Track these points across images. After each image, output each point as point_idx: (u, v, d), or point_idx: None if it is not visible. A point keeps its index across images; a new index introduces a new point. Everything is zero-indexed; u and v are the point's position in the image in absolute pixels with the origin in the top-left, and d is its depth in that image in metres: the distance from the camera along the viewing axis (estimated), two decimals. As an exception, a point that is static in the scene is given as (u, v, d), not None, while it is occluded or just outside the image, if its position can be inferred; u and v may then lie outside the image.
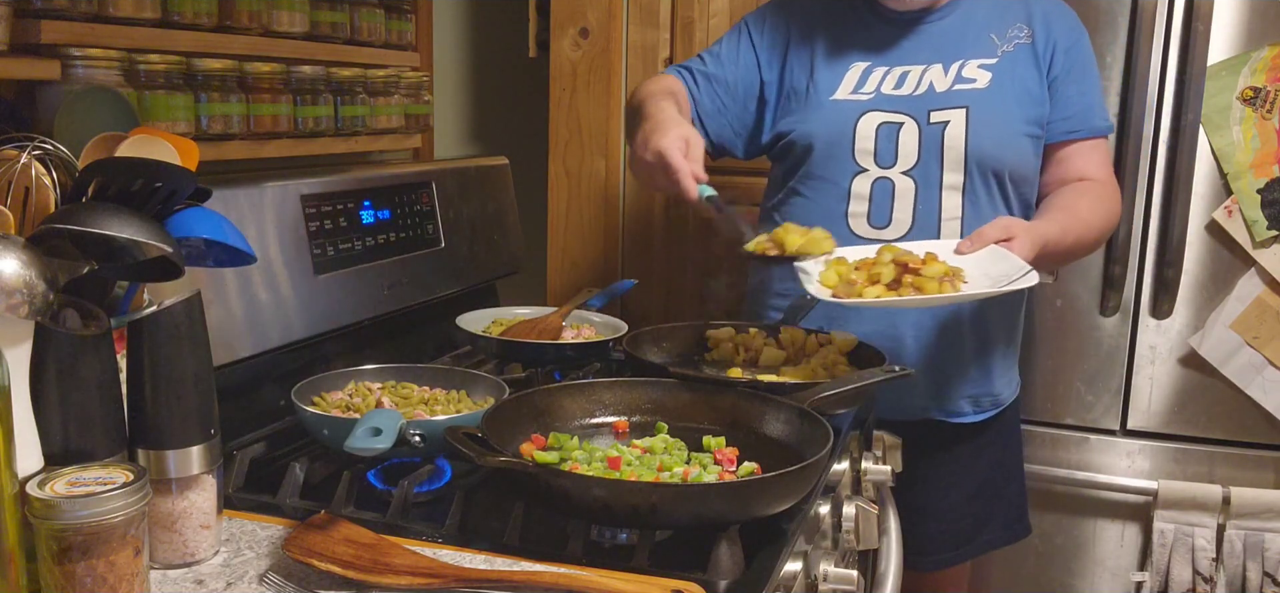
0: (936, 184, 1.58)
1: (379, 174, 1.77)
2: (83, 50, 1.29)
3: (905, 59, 1.62)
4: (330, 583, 0.94)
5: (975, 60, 1.60)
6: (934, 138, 1.57)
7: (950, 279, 1.36)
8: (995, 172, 1.58)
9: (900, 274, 1.37)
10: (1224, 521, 1.96)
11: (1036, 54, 1.60)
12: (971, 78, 1.59)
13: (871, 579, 1.42)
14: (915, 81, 1.60)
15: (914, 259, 1.37)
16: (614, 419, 1.31)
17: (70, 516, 0.82)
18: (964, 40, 1.61)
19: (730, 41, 1.73)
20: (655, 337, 1.63)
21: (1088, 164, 1.64)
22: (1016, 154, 1.60)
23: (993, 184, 1.59)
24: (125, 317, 0.98)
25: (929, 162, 1.58)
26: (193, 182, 0.98)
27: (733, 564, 1.00)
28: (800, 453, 1.16)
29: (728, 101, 1.70)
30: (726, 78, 1.70)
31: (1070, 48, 1.62)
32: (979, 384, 1.69)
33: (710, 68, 1.71)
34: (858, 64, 1.63)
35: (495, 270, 2.06)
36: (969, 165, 1.57)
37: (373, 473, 1.22)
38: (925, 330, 1.64)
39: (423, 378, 1.41)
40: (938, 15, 1.63)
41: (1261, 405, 1.94)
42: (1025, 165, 1.61)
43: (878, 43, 1.63)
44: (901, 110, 1.58)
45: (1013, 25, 1.62)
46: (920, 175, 1.58)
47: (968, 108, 1.57)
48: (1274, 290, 1.91)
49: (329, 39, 1.73)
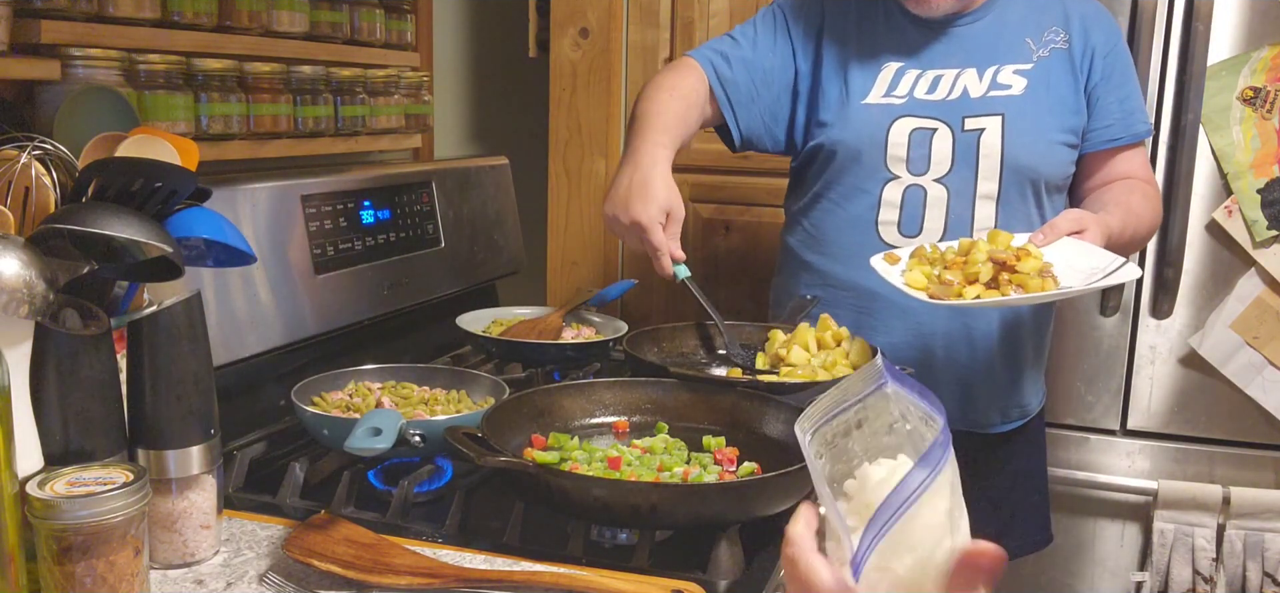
0: (970, 192, 1.54)
1: (379, 174, 1.77)
2: (83, 50, 1.29)
3: (938, 62, 1.57)
4: (330, 583, 0.94)
5: (1011, 66, 1.56)
6: (969, 145, 1.54)
7: (1046, 275, 1.31)
8: (1031, 180, 1.55)
9: (997, 273, 1.32)
10: (1224, 521, 1.96)
11: (1073, 61, 1.57)
12: (1007, 84, 1.55)
13: (871, 579, 1.42)
14: (949, 86, 1.56)
15: (1010, 255, 1.32)
16: (614, 419, 1.31)
17: (70, 516, 0.82)
18: (998, 44, 1.57)
19: (766, 25, 1.65)
20: (655, 337, 1.63)
21: (1133, 169, 1.61)
22: (1052, 162, 1.57)
23: (1028, 192, 1.56)
24: (125, 317, 0.98)
25: (963, 169, 1.54)
26: (193, 182, 0.98)
27: (733, 564, 1.00)
28: (800, 453, 1.16)
29: (762, 90, 1.62)
30: (763, 63, 1.62)
31: (1109, 53, 1.58)
32: (1008, 395, 1.65)
33: (746, 51, 1.62)
34: (890, 65, 1.58)
35: (495, 270, 2.06)
36: (1004, 173, 1.54)
37: (373, 473, 1.22)
38: (955, 340, 1.60)
39: (423, 378, 1.41)
40: (970, 18, 1.58)
41: (1261, 405, 1.94)
42: (1060, 174, 1.59)
43: (910, 44, 1.59)
44: (935, 116, 1.54)
45: (1049, 28, 1.58)
46: (954, 183, 1.54)
47: (1003, 115, 1.53)
48: (1274, 290, 1.91)
49: (329, 39, 1.73)
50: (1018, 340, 1.64)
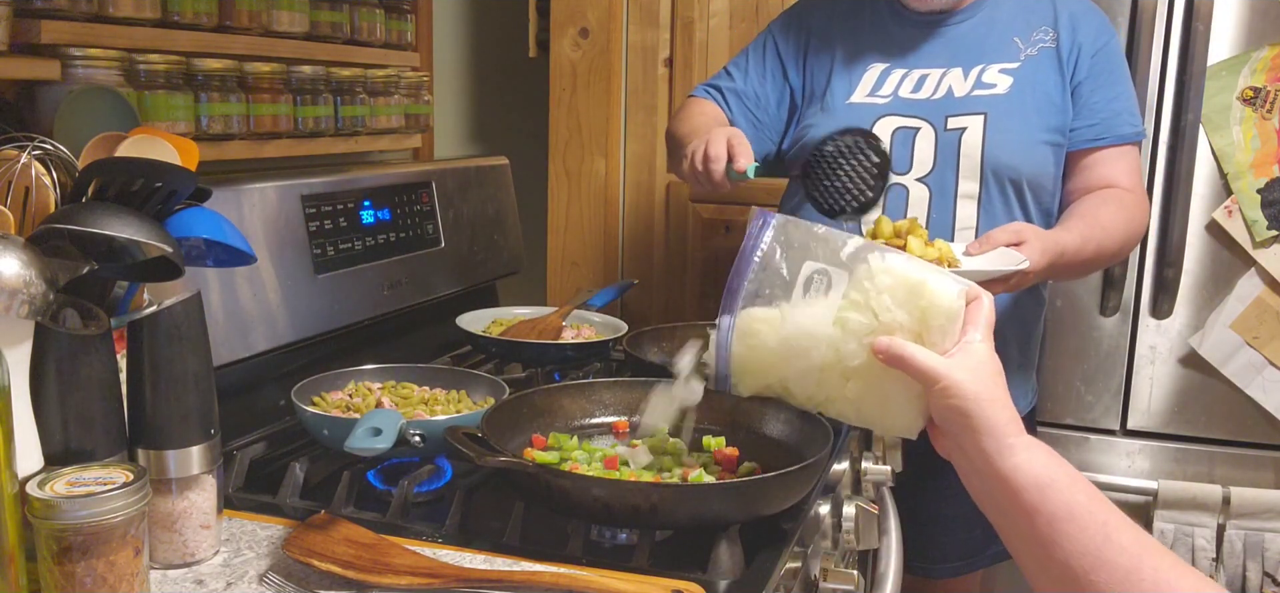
0: (951, 192, 1.55)
1: (379, 174, 1.77)
2: (83, 50, 1.29)
3: (924, 62, 1.58)
4: (330, 583, 0.94)
5: (996, 65, 1.56)
6: (950, 145, 1.54)
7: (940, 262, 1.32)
8: (1012, 180, 1.55)
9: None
10: (1224, 520, 1.96)
11: (1060, 59, 1.56)
12: (991, 83, 1.55)
13: (871, 580, 1.42)
14: (934, 85, 1.57)
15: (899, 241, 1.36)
16: (614, 419, 1.31)
17: (70, 516, 0.82)
18: (985, 44, 1.57)
19: (756, 52, 1.69)
20: (655, 337, 1.63)
21: (1114, 172, 1.58)
22: (1035, 163, 1.56)
23: (1010, 193, 1.56)
24: (125, 317, 0.98)
25: (944, 169, 1.55)
26: (193, 182, 0.98)
27: (733, 564, 1.00)
28: (800, 453, 1.16)
29: (762, 116, 1.66)
30: (756, 91, 1.66)
31: (1098, 51, 1.57)
32: None
33: (738, 84, 1.67)
34: (876, 66, 1.60)
35: (495, 270, 2.06)
36: (985, 174, 1.54)
37: (373, 473, 1.22)
38: None
39: (423, 378, 1.41)
40: (959, 17, 1.59)
41: (1261, 405, 1.94)
42: (1044, 174, 1.57)
43: (897, 45, 1.60)
44: (918, 115, 1.55)
45: (1038, 28, 1.58)
46: (935, 182, 1.55)
47: (986, 114, 1.54)
48: (1274, 290, 1.91)
49: (329, 39, 1.73)
50: (1002, 341, 1.64)
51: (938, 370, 0.88)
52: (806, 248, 0.98)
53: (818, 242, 0.98)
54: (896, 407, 0.95)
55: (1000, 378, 0.90)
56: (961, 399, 0.87)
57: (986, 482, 0.88)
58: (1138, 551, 0.79)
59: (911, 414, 0.95)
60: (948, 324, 0.92)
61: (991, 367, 0.90)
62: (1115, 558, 0.79)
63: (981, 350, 0.90)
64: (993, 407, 0.87)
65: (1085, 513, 0.81)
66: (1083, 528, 0.81)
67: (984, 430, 0.86)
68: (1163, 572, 0.77)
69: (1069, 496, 0.83)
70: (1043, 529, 0.83)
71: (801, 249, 0.98)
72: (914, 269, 0.94)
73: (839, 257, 0.97)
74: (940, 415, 0.91)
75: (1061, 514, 0.82)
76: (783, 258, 0.98)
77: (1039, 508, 0.83)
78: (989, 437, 0.86)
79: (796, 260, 0.98)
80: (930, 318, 0.92)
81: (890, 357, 0.92)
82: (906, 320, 0.93)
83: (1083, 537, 0.80)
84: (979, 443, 0.87)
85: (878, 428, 0.97)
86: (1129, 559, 0.79)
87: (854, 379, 0.96)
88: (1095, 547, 0.80)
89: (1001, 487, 0.86)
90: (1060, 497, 0.83)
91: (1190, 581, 0.77)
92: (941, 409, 0.90)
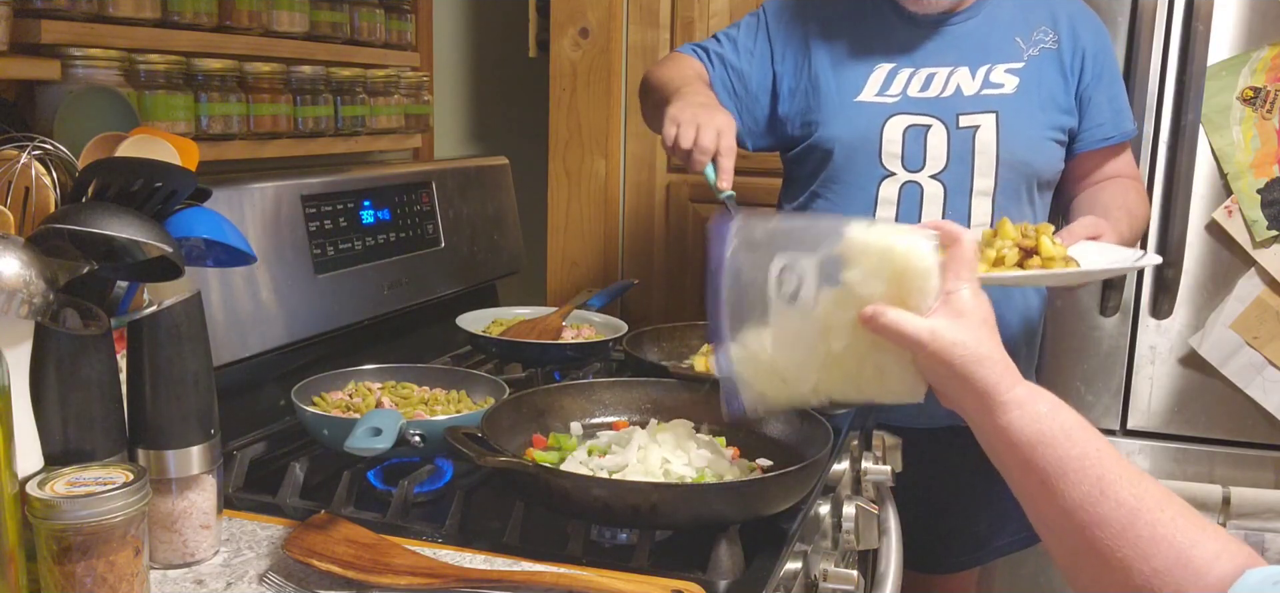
0: (967, 188, 1.56)
1: (379, 174, 1.77)
2: (83, 50, 1.29)
3: (930, 61, 1.59)
4: (330, 583, 0.94)
5: (1002, 65, 1.58)
6: (964, 142, 1.55)
7: (1068, 261, 1.34)
8: (1026, 176, 1.58)
9: (1023, 259, 1.34)
10: (1224, 521, 1.96)
11: (1063, 61, 1.59)
12: (999, 83, 1.57)
13: (871, 579, 1.42)
14: (942, 84, 1.58)
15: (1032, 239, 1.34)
16: (614, 419, 1.31)
17: (70, 516, 0.82)
18: (989, 44, 1.59)
19: (748, 31, 1.68)
20: (655, 337, 1.63)
21: (1122, 165, 1.66)
22: (1045, 159, 1.59)
23: (1022, 188, 1.58)
24: (125, 317, 0.97)
25: (959, 166, 1.56)
26: (193, 182, 0.98)
27: (733, 564, 1.00)
28: (800, 453, 1.16)
29: (740, 91, 1.66)
30: (742, 68, 1.66)
31: (1098, 53, 1.61)
32: None
33: (727, 53, 1.67)
34: (882, 65, 1.60)
35: (495, 270, 2.06)
36: (1000, 170, 1.56)
37: (373, 473, 1.22)
38: None
39: (423, 378, 1.41)
40: (961, 17, 1.60)
41: (1261, 405, 1.94)
42: (1052, 170, 1.62)
43: (902, 44, 1.60)
44: (929, 113, 1.56)
45: (1038, 28, 1.60)
46: (950, 179, 1.56)
47: (997, 113, 1.55)
48: (1274, 290, 1.91)
49: (329, 39, 1.73)
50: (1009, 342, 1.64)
51: (919, 336, 0.87)
52: (771, 243, 0.98)
53: (780, 234, 0.98)
54: (893, 376, 0.94)
55: (988, 325, 0.89)
56: (948, 362, 0.87)
57: (985, 437, 0.88)
58: (1134, 505, 0.78)
59: (910, 379, 0.94)
60: (924, 283, 0.90)
61: (977, 316, 0.89)
62: (1110, 514, 0.79)
63: (964, 300, 0.89)
64: (981, 366, 0.86)
65: (1078, 470, 0.81)
66: (1075, 484, 0.81)
67: (974, 390, 0.86)
68: (1162, 526, 0.77)
69: (1063, 451, 0.82)
70: (1036, 487, 0.83)
71: (766, 247, 0.97)
72: (877, 234, 0.93)
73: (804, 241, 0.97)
74: (932, 378, 0.90)
75: (1054, 472, 0.82)
76: (751, 265, 0.97)
77: (1032, 465, 0.83)
78: (981, 396, 0.86)
79: (763, 262, 0.97)
80: (906, 281, 0.90)
81: (875, 327, 0.91)
82: (882, 290, 0.91)
83: (1076, 493, 0.80)
84: (972, 403, 0.87)
85: (882, 399, 0.97)
86: (1125, 513, 0.78)
87: (847, 358, 0.96)
88: (1091, 502, 0.79)
89: (997, 443, 0.86)
90: (1053, 454, 0.82)
91: (1189, 531, 0.77)
92: (931, 373, 0.89)
